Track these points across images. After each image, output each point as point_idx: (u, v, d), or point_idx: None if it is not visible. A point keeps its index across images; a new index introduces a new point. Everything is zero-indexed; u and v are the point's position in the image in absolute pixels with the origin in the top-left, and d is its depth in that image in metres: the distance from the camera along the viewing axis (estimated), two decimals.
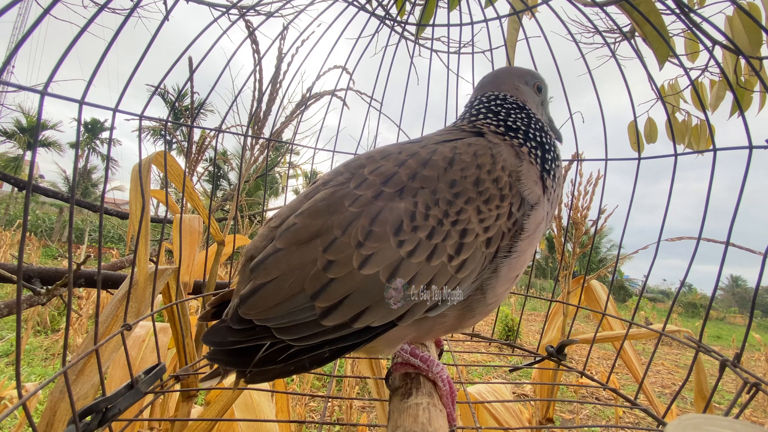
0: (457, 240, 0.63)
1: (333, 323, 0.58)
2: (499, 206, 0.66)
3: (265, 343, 0.58)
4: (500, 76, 0.89)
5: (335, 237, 0.60)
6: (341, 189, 0.65)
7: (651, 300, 22.94)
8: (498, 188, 0.67)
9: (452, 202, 0.64)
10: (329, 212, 0.62)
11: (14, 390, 2.33)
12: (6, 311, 1.18)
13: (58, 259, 11.03)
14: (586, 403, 3.65)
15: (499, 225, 0.66)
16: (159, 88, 0.85)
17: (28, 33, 0.51)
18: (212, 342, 0.59)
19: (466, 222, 0.64)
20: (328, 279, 0.58)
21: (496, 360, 6.13)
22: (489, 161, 0.69)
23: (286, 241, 0.62)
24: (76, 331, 4.66)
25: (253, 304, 0.59)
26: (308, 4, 1.13)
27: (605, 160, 1.16)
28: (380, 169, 0.67)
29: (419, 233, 0.61)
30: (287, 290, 0.58)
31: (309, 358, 0.59)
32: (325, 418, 3.03)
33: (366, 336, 0.60)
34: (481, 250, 0.64)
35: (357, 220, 0.61)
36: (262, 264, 0.61)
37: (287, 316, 0.58)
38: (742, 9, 0.80)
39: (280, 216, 0.68)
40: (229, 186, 25.76)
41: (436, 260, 0.61)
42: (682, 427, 0.39)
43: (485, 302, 0.68)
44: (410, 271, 0.60)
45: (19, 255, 0.51)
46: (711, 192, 0.82)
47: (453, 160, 0.67)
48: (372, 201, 0.62)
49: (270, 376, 0.60)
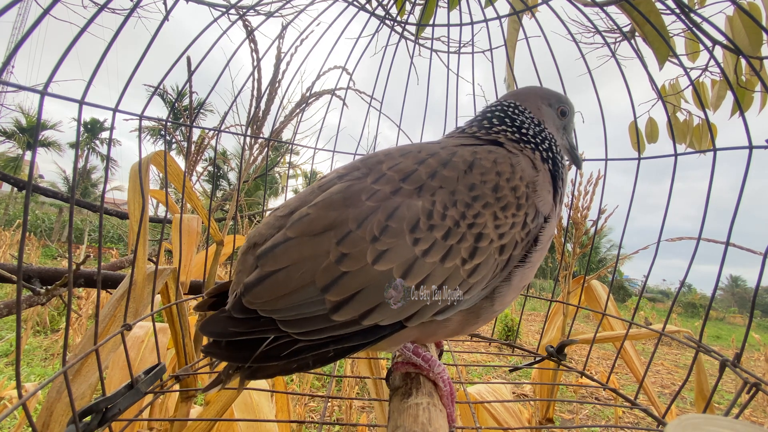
0: (472, 243, 0.62)
1: (343, 318, 0.56)
2: (515, 215, 0.66)
3: (268, 336, 0.56)
4: (524, 94, 0.89)
5: (350, 230, 0.59)
6: (358, 183, 0.65)
7: (651, 300, 22.94)
8: (515, 197, 0.67)
9: (470, 204, 0.64)
10: (345, 205, 0.61)
11: (14, 390, 2.33)
12: (6, 311, 1.18)
13: (58, 259, 11.02)
14: (586, 403, 3.65)
15: (513, 234, 0.66)
16: (159, 88, 0.85)
17: (28, 33, 0.50)
18: (211, 332, 0.56)
19: (483, 226, 0.63)
20: (340, 272, 0.57)
21: (496, 360, 6.13)
22: (509, 170, 0.69)
23: (299, 231, 0.60)
24: (76, 331, 4.65)
25: (259, 293, 0.57)
26: (308, 4, 1.13)
27: (605, 160, 1.16)
28: (399, 166, 0.66)
29: (435, 233, 0.60)
30: (297, 281, 0.57)
31: (313, 356, 0.57)
32: (324, 418, 3.03)
33: (373, 336, 0.59)
34: (494, 256, 0.64)
35: (373, 215, 0.60)
36: (272, 252, 0.59)
37: (295, 309, 0.56)
38: (742, 9, 0.80)
39: (288, 206, 0.67)
40: (229, 186, 25.76)
41: (450, 262, 0.61)
42: (682, 427, 0.39)
43: (492, 309, 0.68)
44: (423, 271, 0.59)
45: (19, 255, 0.51)
46: (715, 192, 0.82)
47: (473, 163, 0.67)
48: (390, 196, 0.62)
49: (271, 372, 0.57)
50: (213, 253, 1.45)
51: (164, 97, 18.87)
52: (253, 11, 1.47)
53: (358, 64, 1.41)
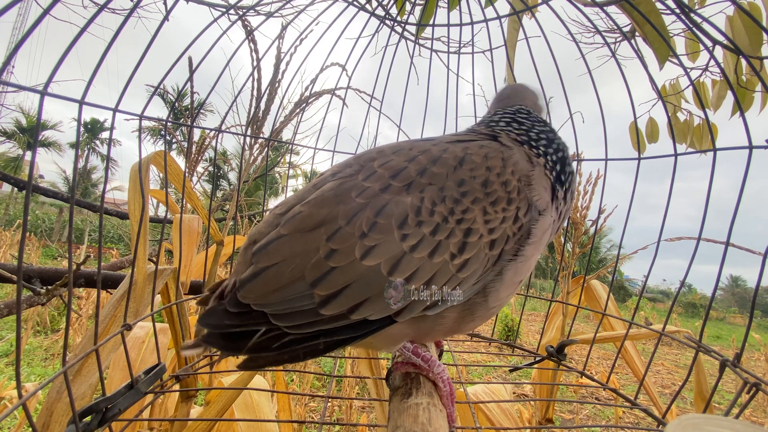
0: (460, 238, 0.63)
1: (331, 313, 0.57)
2: (505, 209, 0.66)
3: (260, 328, 0.58)
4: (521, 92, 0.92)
5: (340, 226, 0.60)
6: (349, 180, 0.65)
7: (651, 300, 22.92)
8: (506, 191, 0.67)
9: (459, 200, 0.64)
10: (336, 202, 0.62)
11: (14, 390, 2.33)
12: (6, 311, 1.18)
13: (58, 259, 11.03)
14: (586, 403, 3.64)
15: (504, 228, 0.66)
16: (159, 88, 0.85)
17: (28, 33, 0.50)
18: (208, 324, 0.59)
19: (471, 222, 0.64)
20: (329, 267, 0.58)
21: (496, 360, 6.13)
22: (499, 164, 0.69)
23: (291, 228, 0.62)
24: (76, 331, 4.66)
25: (252, 288, 0.59)
26: (308, 4, 1.13)
27: (605, 160, 1.16)
28: (390, 163, 0.67)
29: (423, 228, 0.61)
30: (288, 276, 0.58)
31: (303, 348, 0.58)
32: (325, 418, 3.03)
33: (362, 330, 0.60)
34: (485, 251, 0.64)
35: (363, 211, 0.61)
36: (265, 249, 0.61)
37: (286, 303, 0.57)
38: (742, 9, 0.80)
39: (286, 203, 0.69)
40: (229, 186, 25.76)
41: (438, 257, 0.61)
42: (682, 427, 0.39)
43: (487, 306, 0.68)
44: (411, 266, 0.60)
45: (19, 255, 0.51)
46: (715, 192, 0.82)
47: (463, 159, 0.68)
48: (379, 193, 0.63)
49: (262, 363, 0.59)
50: (213, 253, 1.46)
51: (164, 97, 18.88)
52: (253, 11, 1.47)
53: (358, 64, 1.41)
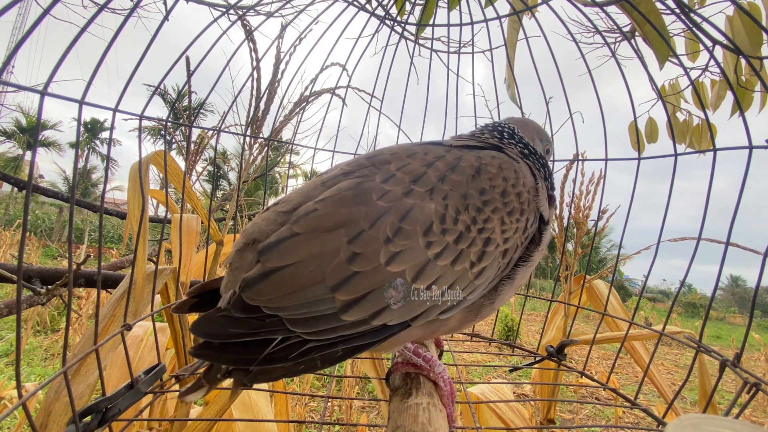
0: (480, 248, 0.64)
1: (353, 318, 0.55)
2: (518, 219, 0.68)
3: (276, 337, 0.53)
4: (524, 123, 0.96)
5: (362, 229, 0.58)
6: (368, 181, 0.64)
7: (651, 300, 22.92)
8: (520, 202, 0.69)
9: (481, 209, 0.65)
10: (356, 203, 0.61)
11: (14, 390, 2.33)
12: (6, 311, 1.18)
13: (58, 259, 11.02)
14: (586, 403, 3.64)
15: (516, 238, 0.68)
16: (159, 88, 0.85)
17: (28, 33, 0.50)
18: (207, 333, 0.52)
19: (491, 231, 0.65)
20: (352, 272, 0.56)
21: (496, 360, 6.12)
22: (513, 175, 0.71)
23: (307, 227, 0.59)
24: (76, 331, 4.65)
25: (262, 290, 0.54)
26: (308, 4, 1.13)
27: (605, 160, 1.16)
28: (408, 167, 0.67)
29: (447, 236, 0.61)
30: (306, 278, 0.55)
31: (321, 356, 0.55)
32: (324, 418, 3.03)
33: (381, 336, 0.58)
34: (498, 260, 0.66)
35: (386, 215, 0.59)
36: (276, 247, 0.57)
37: (304, 307, 0.54)
38: (742, 9, 0.80)
39: (290, 201, 0.65)
40: (229, 186, 25.75)
41: (460, 265, 0.62)
42: (682, 427, 0.39)
43: (492, 307, 0.70)
44: (435, 273, 0.60)
45: (19, 255, 0.51)
46: (715, 192, 0.83)
47: (480, 168, 0.69)
48: (402, 197, 0.62)
49: (275, 375, 0.54)
50: (213, 253, 1.45)
51: (164, 97, 18.84)
52: (253, 11, 1.47)
53: (358, 63, 1.41)
